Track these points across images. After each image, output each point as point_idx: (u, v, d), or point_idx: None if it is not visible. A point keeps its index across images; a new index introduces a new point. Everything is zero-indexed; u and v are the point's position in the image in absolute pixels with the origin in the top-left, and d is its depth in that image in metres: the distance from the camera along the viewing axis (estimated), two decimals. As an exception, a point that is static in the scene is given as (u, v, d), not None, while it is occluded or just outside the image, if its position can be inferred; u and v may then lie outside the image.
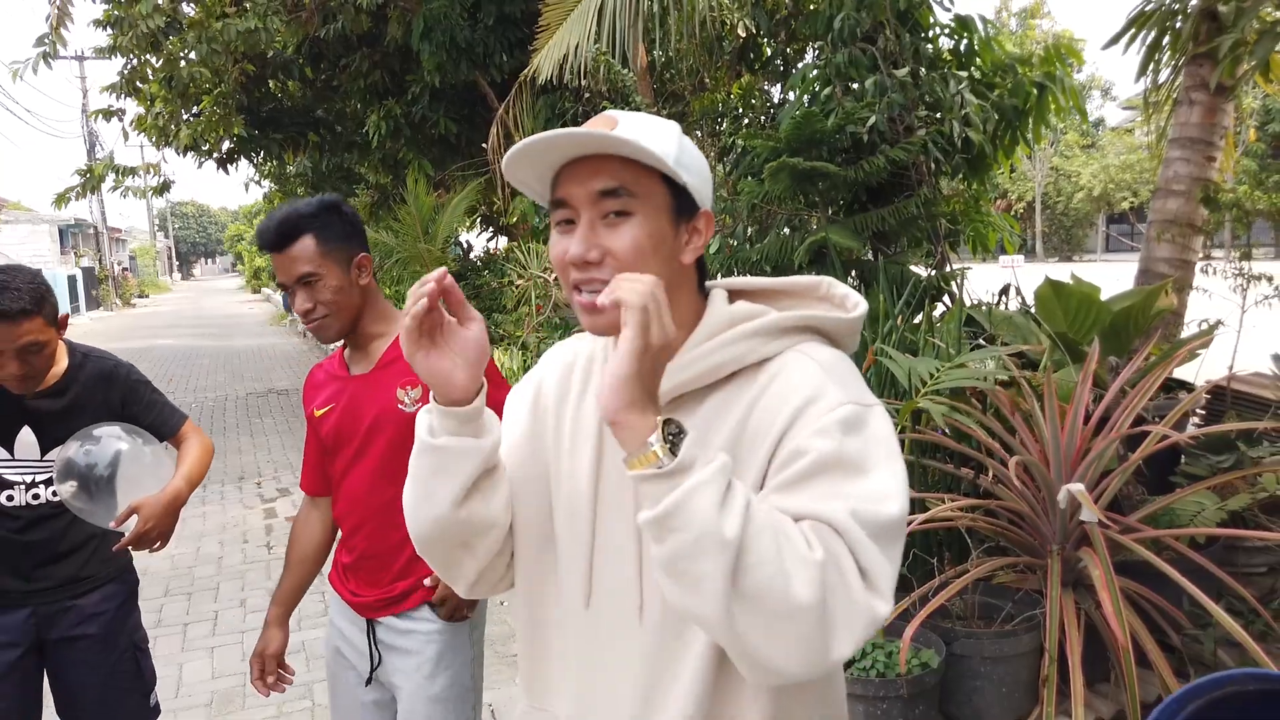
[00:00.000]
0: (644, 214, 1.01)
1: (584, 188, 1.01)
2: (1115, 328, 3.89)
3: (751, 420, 1.01)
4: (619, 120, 1.03)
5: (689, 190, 1.04)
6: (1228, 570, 2.74)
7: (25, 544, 2.15)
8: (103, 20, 8.85)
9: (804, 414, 0.97)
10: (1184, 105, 4.52)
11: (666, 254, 1.03)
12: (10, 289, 1.93)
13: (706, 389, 1.05)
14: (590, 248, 1.00)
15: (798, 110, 4.58)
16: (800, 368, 1.02)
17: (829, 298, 1.13)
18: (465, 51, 8.83)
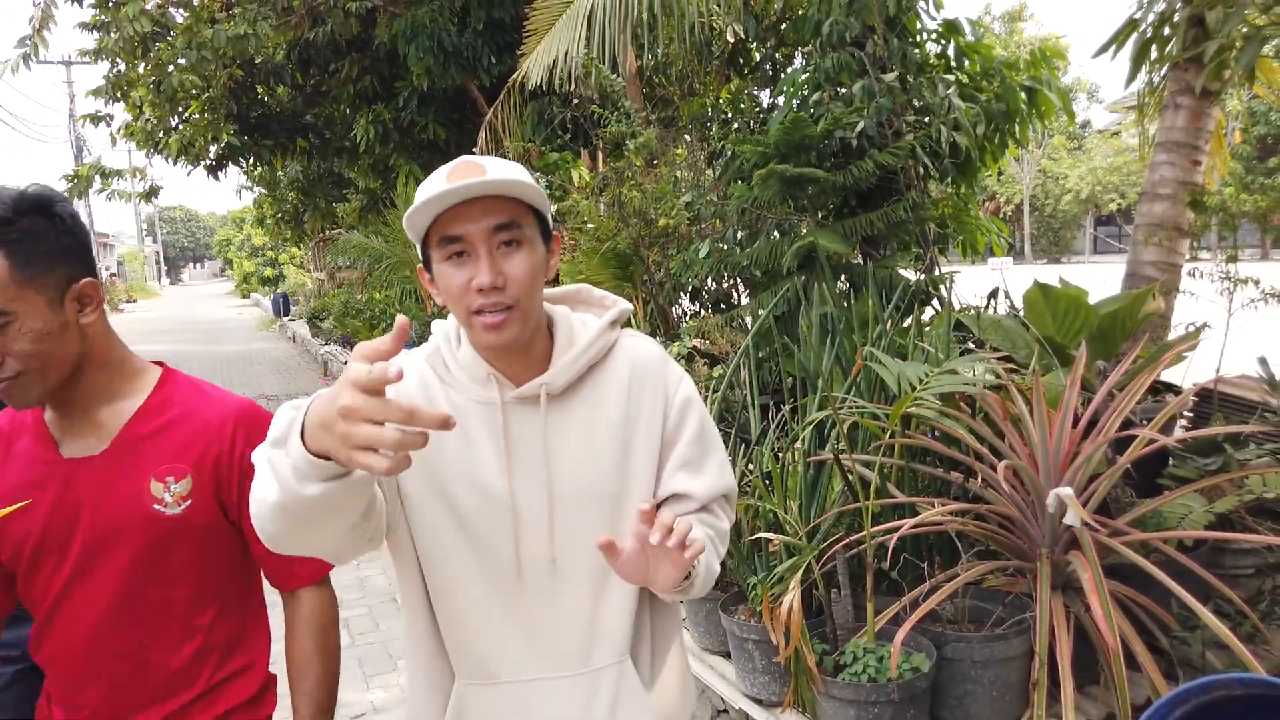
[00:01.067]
0: (529, 243, 1.22)
1: (479, 224, 1.18)
2: (1103, 331, 3.91)
3: (633, 388, 1.34)
4: (486, 165, 1.20)
5: (548, 219, 1.28)
6: (1215, 572, 2.76)
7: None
8: (89, 24, 8.81)
9: (668, 375, 1.38)
10: (1170, 110, 4.55)
11: (543, 274, 1.26)
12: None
13: (583, 375, 1.33)
14: (497, 275, 1.18)
15: (786, 115, 4.59)
16: (642, 346, 1.40)
17: (589, 299, 1.44)
18: (453, 56, 8.84)
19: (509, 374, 1.29)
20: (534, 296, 1.24)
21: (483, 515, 1.28)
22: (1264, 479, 3.07)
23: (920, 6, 4.96)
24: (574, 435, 1.30)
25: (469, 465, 1.28)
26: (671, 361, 1.42)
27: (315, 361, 15.60)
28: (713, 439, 1.41)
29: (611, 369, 1.35)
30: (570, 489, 1.29)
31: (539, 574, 1.30)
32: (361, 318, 12.14)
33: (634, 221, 5.57)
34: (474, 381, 1.30)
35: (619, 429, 1.32)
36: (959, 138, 4.64)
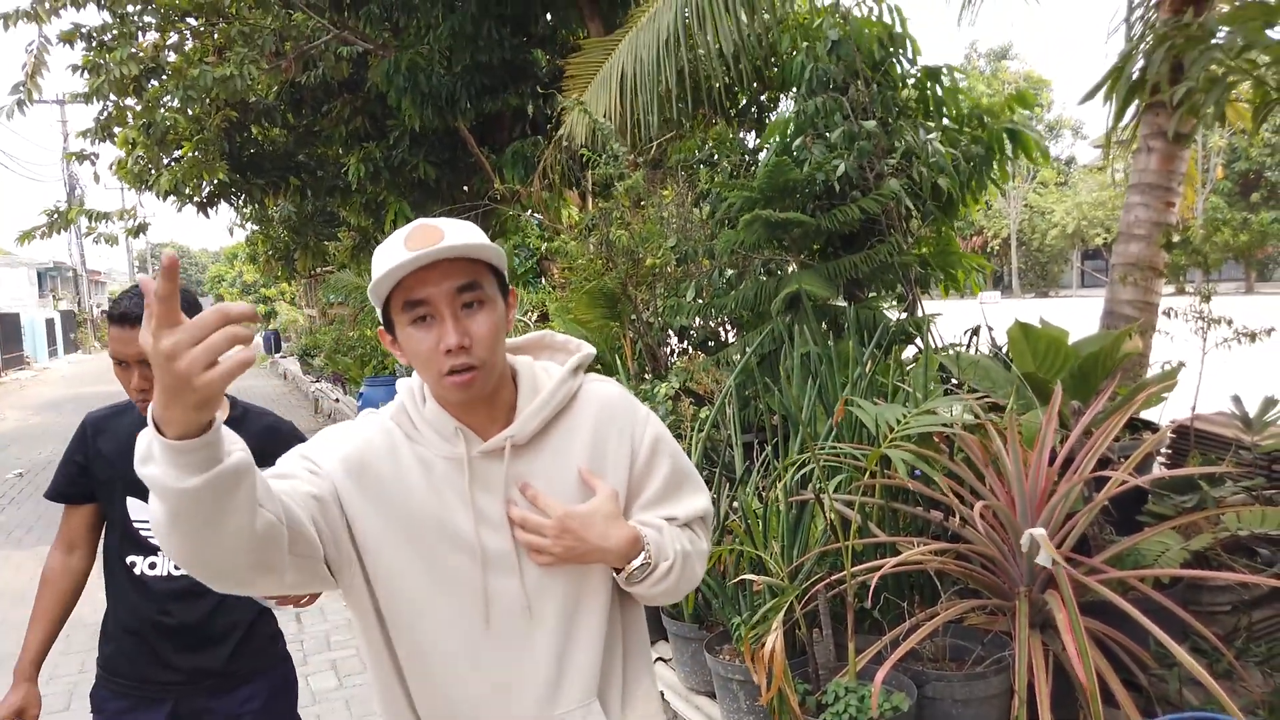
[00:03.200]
0: (490, 301, 1.27)
1: (440, 287, 1.22)
2: (1084, 371, 3.97)
3: (599, 433, 1.39)
4: (443, 229, 1.23)
5: (504, 275, 1.32)
6: (1192, 610, 2.79)
7: (167, 626, 1.95)
8: (80, 65, 8.92)
9: (634, 417, 1.42)
10: (1143, 152, 4.66)
11: (504, 329, 1.31)
12: (139, 295, 1.78)
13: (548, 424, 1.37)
14: (463, 336, 1.22)
15: (771, 160, 4.68)
16: (606, 391, 1.44)
17: (553, 345, 1.49)
18: (429, 97, 8.95)
19: (475, 426, 1.32)
20: (497, 352, 1.28)
21: (450, 567, 1.30)
22: (1239, 516, 3.12)
23: (900, 54, 5.09)
24: (540, 484, 1.33)
25: (437, 518, 1.30)
26: (636, 402, 1.46)
27: (306, 398, 15.59)
28: (685, 472, 1.47)
29: (576, 415, 1.39)
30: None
31: (509, 622, 1.32)
32: (352, 354, 12.17)
33: (622, 261, 5.64)
34: (440, 437, 1.32)
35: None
36: (940, 180, 4.74)
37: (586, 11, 8.71)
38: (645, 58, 5.74)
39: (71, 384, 21.76)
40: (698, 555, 1.44)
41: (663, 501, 1.42)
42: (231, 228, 16.64)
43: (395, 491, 1.29)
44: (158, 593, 1.94)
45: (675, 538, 1.39)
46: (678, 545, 1.38)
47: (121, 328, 1.79)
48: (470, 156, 10.10)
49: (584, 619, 1.35)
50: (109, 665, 2.01)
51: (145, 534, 1.94)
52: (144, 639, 1.96)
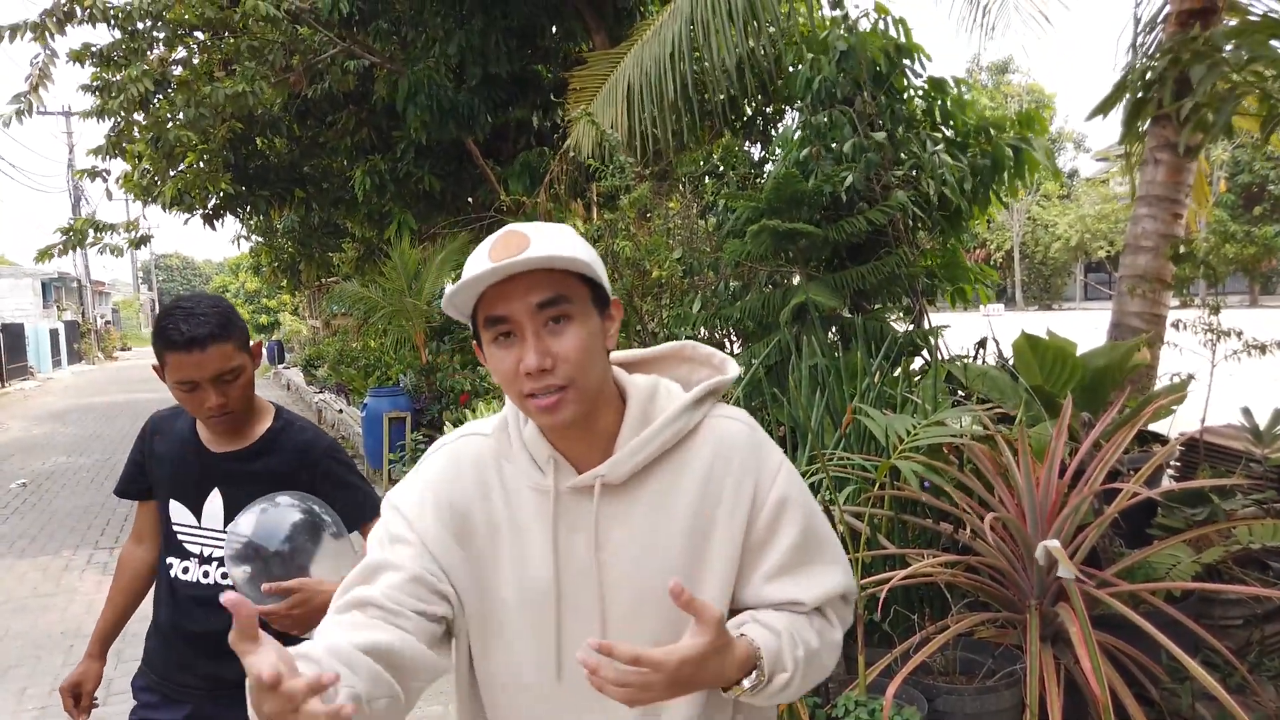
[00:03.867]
0: (580, 316, 1.12)
1: (522, 302, 1.09)
2: (1093, 383, 3.97)
3: (712, 481, 1.19)
4: (530, 235, 1.10)
5: (603, 285, 1.15)
6: (1204, 623, 2.78)
7: (192, 631, 1.95)
8: (89, 85, 8.96)
9: (760, 465, 1.21)
10: (1150, 164, 4.66)
11: (600, 347, 1.15)
12: (196, 315, 1.79)
13: (653, 461, 1.20)
14: (544, 357, 1.09)
15: (779, 171, 4.69)
16: (730, 429, 1.23)
17: (695, 357, 1.31)
18: (449, 113, 9.00)
19: (572, 456, 1.20)
20: (590, 373, 1.12)
21: (527, 610, 1.20)
22: (1250, 529, 3.11)
23: (905, 63, 5.10)
24: (634, 530, 1.18)
25: (516, 557, 1.20)
26: (768, 448, 1.24)
27: (310, 409, 15.59)
28: (819, 540, 1.23)
29: (690, 455, 1.20)
30: (625, 588, 1.18)
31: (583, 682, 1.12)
32: (356, 365, 12.18)
33: (627, 273, 5.65)
34: (533, 464, 1.21)
35: (690, 525, 1.18)
36: (947, 192, 4.75)
37: (592, 24, 8.76)
38: (651, 70, 5.75)
39: (75, 394, 21.79)
40: (828, 649, 1.22)
41: (786, 575, 1.20)
42: (237, 239, 16.70)
43: (483, 532, 1.21)
44: (185, 598, 1.96)
45: (798, 639, 1.17)
46: (799, 650, 1.16)
47: (189, 352, 1.77)
48: (475, 168, 10.13)
49: None
50: (148, 658, 2.07)
51: (183, 538, 1.97)
52: (171, 641, 2.00)
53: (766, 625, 1.17)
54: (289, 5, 8.74)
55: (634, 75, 5.92)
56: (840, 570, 1.24)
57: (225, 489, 1.95)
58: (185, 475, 1.97)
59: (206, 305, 1.82)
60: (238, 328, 1.86)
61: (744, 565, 1.20)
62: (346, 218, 13.04)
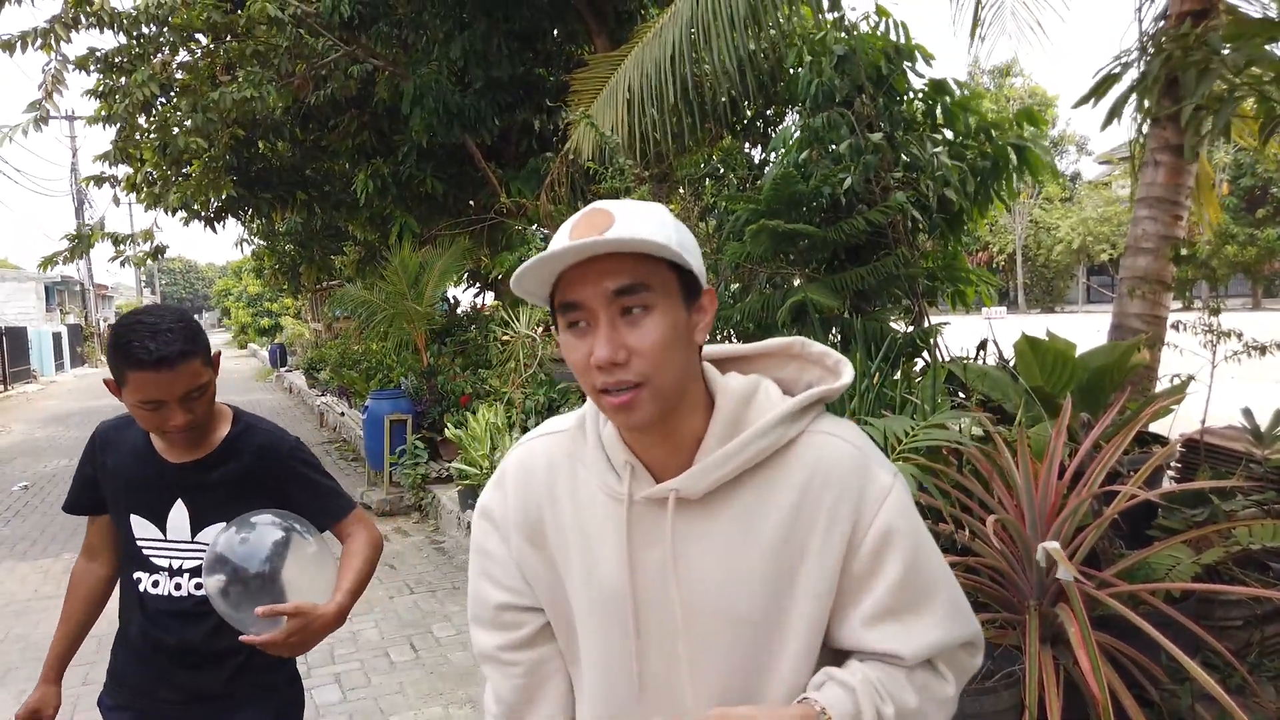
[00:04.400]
0: (662, 306, 1.01)
1: (597, 288, 1.00)
2: (1093, 384, 3.97)
3: (806, 505, 1.08)
4: (615, 214, 1.01)
5: (694, 272, 1.05)
6: (1204, 624, 2.77)
7: (167, 644, 1.89)
8: (95, 90, 8.98)
9: (865, 488, 1.08)
10: (1150, 166, 4.66)
11: (685, 341, 1.05)
12: (162, 331, 1.69)
13: (737, 477, 1.09)
14: (616, 349, 1.00)
15: (777, 173, 4.69)
16: (833, 446, 1.10)
17: (805, 355, 1.18)
18: (456, 116, 9.01)
19: (650, 462, 1.11)
20: (668, 370, 1.02)
21: (600, 625, 1.13)
22: (1250, 530, 3.10)
23: (907, 65, 5.11)
24: (715, 549, 1.09)
25: (587, 566, 1.13)
26: (876, 471, 1.10)
27: (312, 412, 15.60)
28: (929, 581, 1.09)
29: (784, 472, 1.09)
30: (704, 608, 1.09)
31: (664, 696, 1.12)
32: (358, 369, 12.18)
33: (628, 275, 5.66)
34: (609, 468, 1.12)
35: (778, 549, 1.08)
36: (947, 193, 4.75)
37: (593, 27, 8.77)
38: (652, 73, 5.76)
39: (78, 397, 21.81)
40: (934, 706, 1.10)
41: (888, 620, 1.08)
42: (239, 242, 16.70)
43: (553, 537, 1.16)
44: (158, 612, 1.89)
45: (883, 694, 1.06)
46: (888, 708, 1.05)
47: (159, 371, 1.68)
48: (477, 171, 10.14)
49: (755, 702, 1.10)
50: (116, 675, 1.99)
51: (148, 552, 1.89)
52: (144, 655, 1.92)
53: (843, 683, 1.07)
54: (293, 10, 8.76)
55: (634, 78, 5.93)
56: (954, 620, 1.10)
57: (189, 499, 1.88)
58: (143, 489, 1.89)
59: (172, 320, 1.73)
60: (204, 342, 1.79)
61: (841, 603, 1.10)
62: (348, 220, 13.04)
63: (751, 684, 1.10)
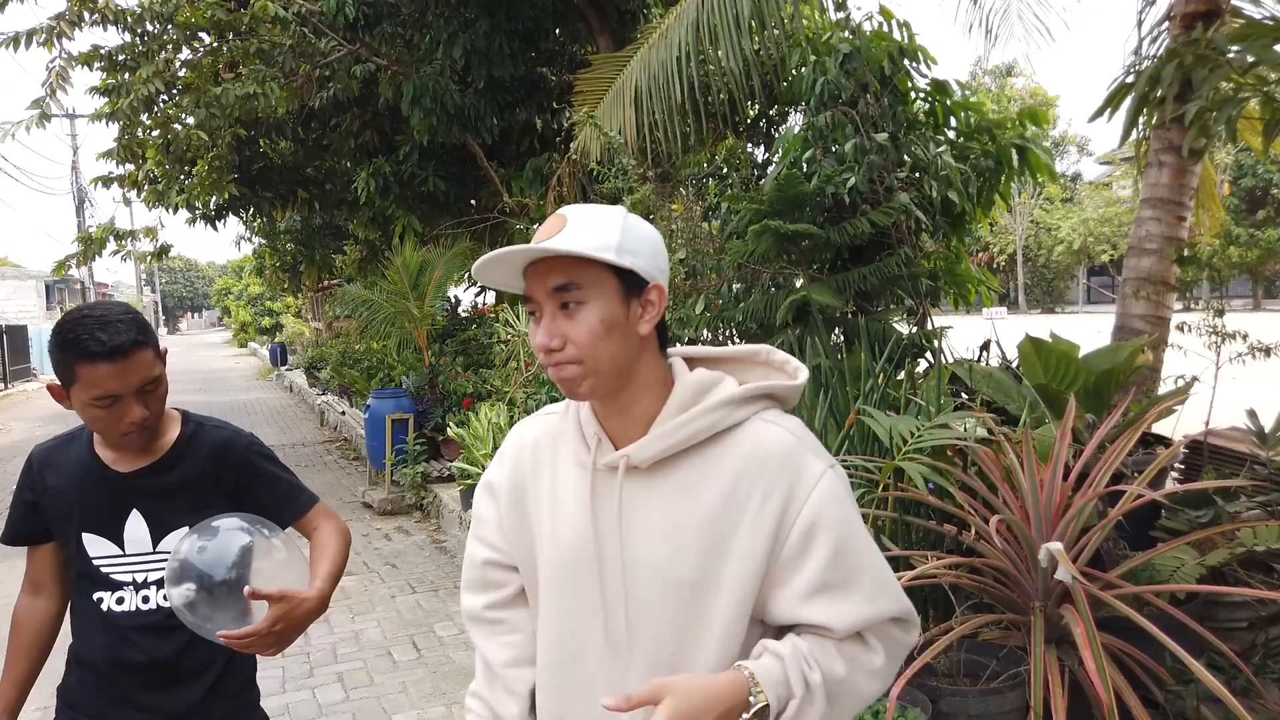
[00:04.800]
0: (595, 301, 1.17)
1: (543, 285, 1.18)
2: (1097, 385, 3.96)
3: (740, 485, 1.20)
4: (568, 219, 1.18)
5: (635, 270, 1.19)
6: (1209, 626, 2.77)
7: (136, 662, 1.78)
8: (99, 88, 8.97)
9: (796, 478, 1.20)
10: (1154, 167, 4.65)
11: (622, 331, 1.19)
12: (112, 322, 1.64)
13: (684, 451, 1.23)
14: (553, 336, 1.18)
15: (781, 173, 4.69)
16: (770, 435, 1.23)
17: (770, 363, 1.32)
18: (455, 116, 9.00)
19: (614, 436, 1.26)
20: (600, 354, 1.17)
21: (562, 581, 1.27)
22: (1255, 532, 3.10)
23: (910, 65, 5.11)
24: (657, 514, 1.22)
25: (555, 529, 1.28)
26: (808, 460, 1.21)
27: (312, 411, 15.60)
28: (857, 562, 1.20)
29: (724, 452, 1.22)
30: (644, 568, 1.22)
31: (605, 648, 1.25)
32: (359, 368, 12.18)
33: (630, 275, 5.65)
34: (582, 441, 1.28)
35: (716, 519, 1.19)
36: (950, 194, 4.75)
37: (596, 27, 8.77)
38: (659, 74, 5.75)
39: (78, 396, 21.78)
40: (864, 676, 1.21)
41: (819, 596, 1.18)
42: (239, 240, 16.69)
43: (532, 501, 1.32)
44: (126, 629, 1.78)
45: (812, 662, 1.17)
46: (815, 674, 1.17)
47: (113, 361, 1.62)
48: (479, 171, 10.14)
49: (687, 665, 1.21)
50: (69, 698, 1.87)
51: (107, 570, 1.79)
52: (107, 676, 1.81)
53: (775, 653, 1.18)
54: (297, 8, 8.76)
55: (642, 79, 5.92)
56: (881, 596, 1.20)
57: (145, 509, 1.80)
58: (94, 505, 1.79)
59: (120, 312, 1.67)
60: (153, 335, 1.72)
61: (777, 581, 1.20)
62: (349, 219, 13.04)
63: (685, 643, 1.21)
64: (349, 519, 7.68)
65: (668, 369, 1.27)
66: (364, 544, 6.91)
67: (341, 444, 11.95)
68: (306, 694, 4.28)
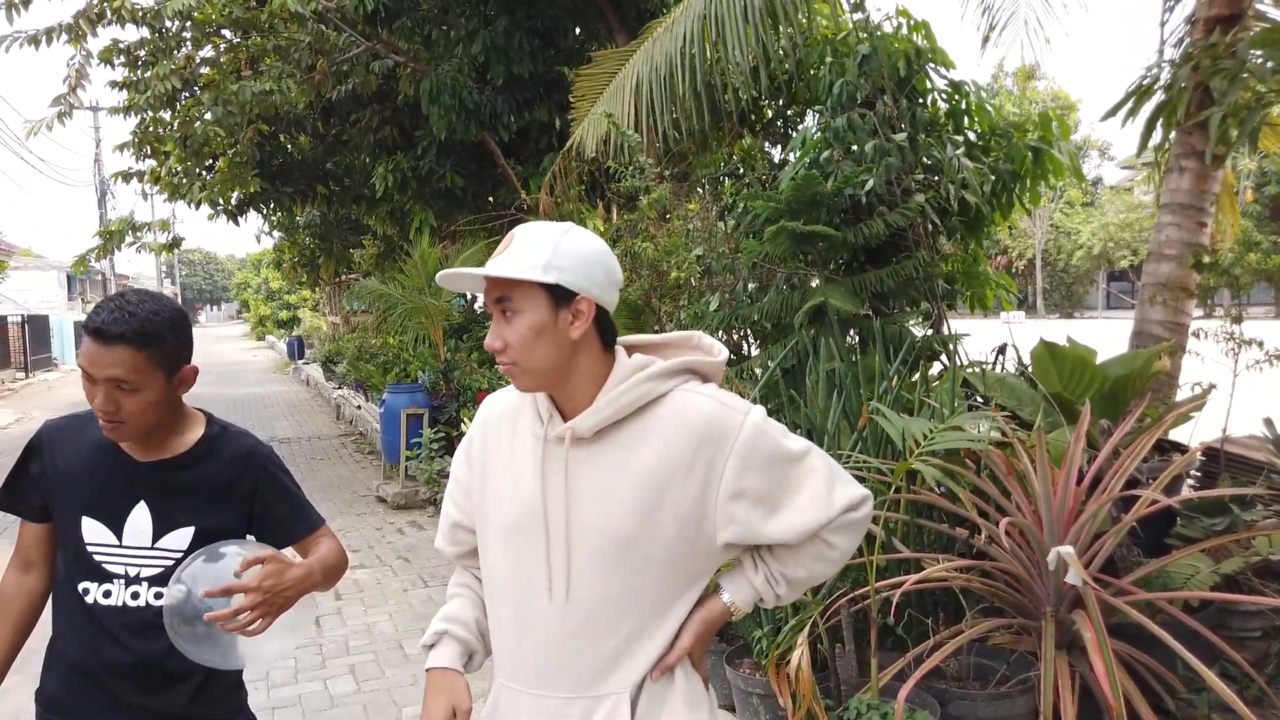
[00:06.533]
0: (526, 312, 1.36)
1: (490, 296, 1.39)
2: (1113, 391, 3.94)
3: (671, 446, 1.38)
4: (514, 239, 1.38)
5: (561, 284, 1.36)
6: (1222, 634, 2.75)
7: (122, 663, 1.73)
8: (120, 83, 9.06)
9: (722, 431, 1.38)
10: (1175, 172, 4.62)
11: (551, 337, 1.37)
12: (126, 310, 1.62)
13: (621, 422, 1.41)
14: (495, 339, 1.39)
15: (798, 173, 4.68)
16: (691, 403, 1.41)
17: (700, 346, 1.50)
18: (474, 113, 9.03)
19: (567, 412, 1.44)
20: (532, 355, 1.37)
21: (515, 539, 1.43)
22: (1270, 540, 3.08)
23: (930, 66, 5.08)
24: (597, 478, 1.39)
25: (513, 492, 1.44)
26: (727, 417, 1.40)
27: (328, 404, 15.69)
28: (797, 476, 1.42)
29: (655, 419, 1.40)
30: (586, 528, 1.39)
31: (548, 600, 1.41)
32: (375, 362, 12.24)
33: (646, 273, 5.66)
34: (536, 415, 1.46)
35: (649, 478, 1.38)
36: (968, 196, 4.72)
37: (615, 25, 8.77)
38: (661, 65, 5.69)
39: (98, 386, 21.99)
40: (825, 564, 1.48)
41: (767, 520, 1.41)
42: (259, 235, 16.81)
43: (493, 463, 1.50)
44: (112, 625, 1.72)
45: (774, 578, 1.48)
46: (780, 588, 1.48)
47: (94, 341, 1.60)
48: (496, 167, 10.17)
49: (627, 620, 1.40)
50: (50, 704, 1.80)
51: (99, 559, 1.73)
52: (93, 677, 1.75)
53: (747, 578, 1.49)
54: (315, 5, 8.80)
55: (643, 71, 5.87)
56: (826, 500, 1.41)
57: (154, 501, 1.75)
58: (103, 488, 1.74)
59: (148, 309, 1.64)
60: (161, 343, 1.65)
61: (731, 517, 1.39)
62: (367, 214, 13.11)
63: (619, 597, 1.39)
64: (363, 512, 7.73)
65: (612, 360, 1.43)
66: (377, 538, 6.95)
67: (357, 438, 12.01)
68: (319, 685, 4.31)
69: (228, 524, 1.80)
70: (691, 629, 1.44)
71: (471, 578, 1.62)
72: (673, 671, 1.43)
